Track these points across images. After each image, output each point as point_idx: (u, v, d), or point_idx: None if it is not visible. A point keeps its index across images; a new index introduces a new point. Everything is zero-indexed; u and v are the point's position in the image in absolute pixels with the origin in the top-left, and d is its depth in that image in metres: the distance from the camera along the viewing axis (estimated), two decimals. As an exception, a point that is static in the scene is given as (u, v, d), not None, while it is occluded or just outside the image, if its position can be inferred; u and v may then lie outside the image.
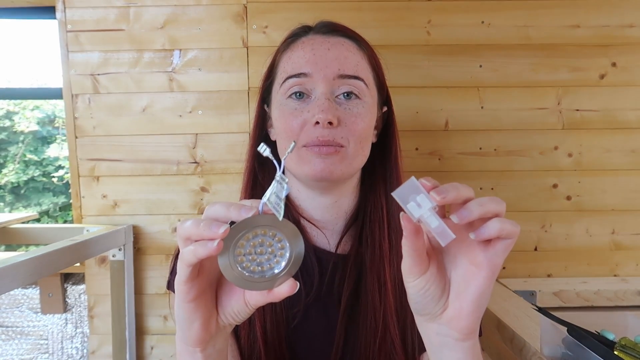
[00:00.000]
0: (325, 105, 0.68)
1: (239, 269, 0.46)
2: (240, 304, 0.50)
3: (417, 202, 0.43)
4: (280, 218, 0.45)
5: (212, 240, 0.43)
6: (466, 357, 0.51)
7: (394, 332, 0.71)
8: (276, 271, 0.47)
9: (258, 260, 0.47)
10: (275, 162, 0.46)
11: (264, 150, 0.46)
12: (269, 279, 0.47)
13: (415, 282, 0.49)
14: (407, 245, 0.47)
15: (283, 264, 0.47)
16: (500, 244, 0.45)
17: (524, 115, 1.35)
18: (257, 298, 0.49)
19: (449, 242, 0.43)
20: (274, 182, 0.45)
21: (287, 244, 0.47)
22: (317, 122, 0.67)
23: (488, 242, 0.46)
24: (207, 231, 0.43)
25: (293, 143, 0.49)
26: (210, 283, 0.50)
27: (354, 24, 0.78)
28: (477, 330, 0.51)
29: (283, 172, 0.46)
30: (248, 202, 0.45)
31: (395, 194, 0.44)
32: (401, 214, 0.45)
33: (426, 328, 0.53)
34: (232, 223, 0.45)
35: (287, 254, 0.47)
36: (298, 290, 0.76)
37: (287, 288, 0.47)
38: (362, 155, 0.73)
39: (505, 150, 1.36)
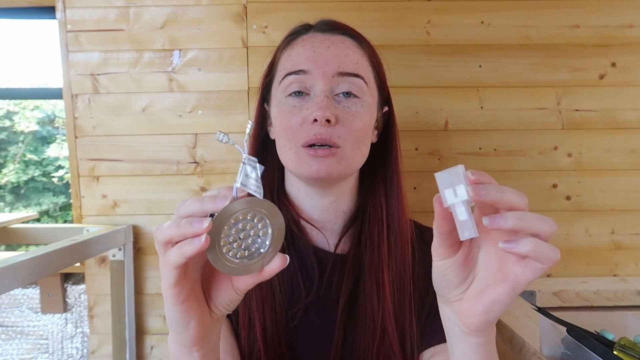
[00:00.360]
0: (323, 102, 0.68)
1: (230, 257, 0.46)
2: (230, 292, 0.50)
3: (455, 190, 0.43)
4: (261, 197, 0.45)
5: (198, 236, 0.43)
6: (472, 352, 0.51)
7: (392, 333, 0.71)
8: (262, 251, 0.48)
9: (244, 245, 0.47)
10: (237, 146, 0.47)
11: (223, 137, 0.46)
12: (258, 260, 0.47)
13: (438, 263, 0.49)
14: (435, 226, 0.47)
15: (267, 242, 0.48)
16: (533, 264, 0.43)
17: (523, 115, 1.36)
18: (246, 282, 0.49)
19: (470, 238, 0.43)
20: (241, 164, 0.46)
21: (267, 222, 0.47)
22: (315, 120, 0.67)
23: (523, 257, 0.44)
24: (190, 229, 0.43)
25: (250, 123, 0.49)
26: (196, 279, 0.50)
27: (354, 24, 0.78)
28: (489, 331, 0.51)
29: (250, 154, 0.46)
30: (215, 192, 0.45)
31: (437, 176, 0.44)
32: (435, 196, 0.45)
33: (441, 309, 0.54)
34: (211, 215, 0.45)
35: (269, 231, 0.48)
36: (298, 290, 0.76)
37: (277, 264, 0.48)
38: (360, 155, 0.72)
39: (505, 150, 1.36)
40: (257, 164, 0.46)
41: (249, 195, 0.45)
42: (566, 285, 1.28)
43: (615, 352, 0.71)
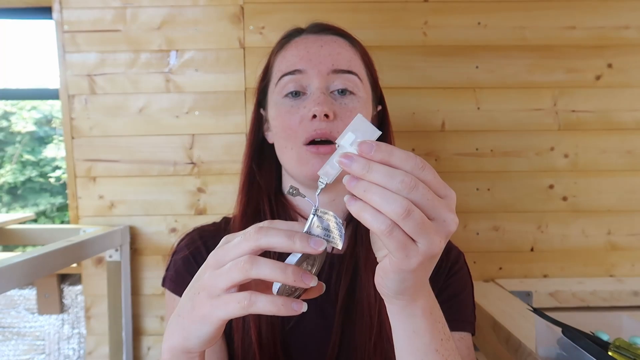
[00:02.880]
0: (320, 98, 0.69)
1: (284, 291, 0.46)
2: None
3: (354, 138, 0.43)
4: (340, 246, 0.44)
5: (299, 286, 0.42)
6: (393, 320, 0.51)
7: (388, 329, 0.71)
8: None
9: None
10: (309, 200, 0.47)
11: (293, 191, 0.46)
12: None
13: None
14: None
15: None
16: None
17: (520, 116, 1.36)
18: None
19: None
20: (313, 216, 0.45)
21: (316, 268, 0.47)
22: (314, 116, 0.68)
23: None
24: (300, 282, 0.42)
25: (322, 181, 0.46)
26: None
27: (351, 25, 0.79)
28: (403, 303, 0.49)
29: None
30: (305, 237, 0.43)
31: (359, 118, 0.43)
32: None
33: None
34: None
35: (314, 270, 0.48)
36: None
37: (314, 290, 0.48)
38: None
39: (502, 151, 1.37)
40: (333, 216, 0.45)
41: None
42: (563, 286, 1.29)
43: (610, 353, 0.71)
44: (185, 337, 0.48)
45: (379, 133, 0.43)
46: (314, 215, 0.45)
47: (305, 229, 0.44)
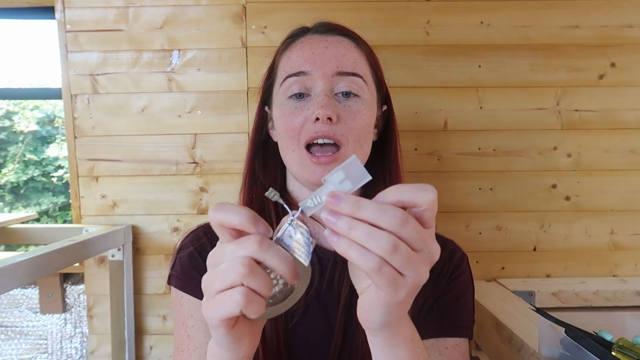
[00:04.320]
0: (324, 101, 0.69)
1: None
2: None
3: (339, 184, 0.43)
4: (306, 264, 0.44)
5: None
6: (375, 350, 0.51)
7: None
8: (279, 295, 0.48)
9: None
10: (286, 206, 0.45)
11: (273, 195, 0.45)
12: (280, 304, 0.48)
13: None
14: None
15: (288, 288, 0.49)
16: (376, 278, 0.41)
17: (523, 115, 1.36)
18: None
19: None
20: (288, 225, 0.44)
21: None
22: (317, 119, 0.68)
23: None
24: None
25: (272, 191, 0.46)
26: None
27: (353, 24, 0.79)
28: (388, 335, 0.49)
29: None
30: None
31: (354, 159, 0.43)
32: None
33: None
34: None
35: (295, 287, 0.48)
36: None
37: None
38: (361, 153, 0.73)
39: (504, 150, 1.36)
40: (306, 231, 0.44)
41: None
42: (565, 286, 1.29)
43: (613, 353, 0.71)
44: (222, 348, 0.49)
45: (369, 178, 0.42)
46: (289, 225, 0.44)
47: (278, 236, 0.44)
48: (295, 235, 0.43)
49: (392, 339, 0.50)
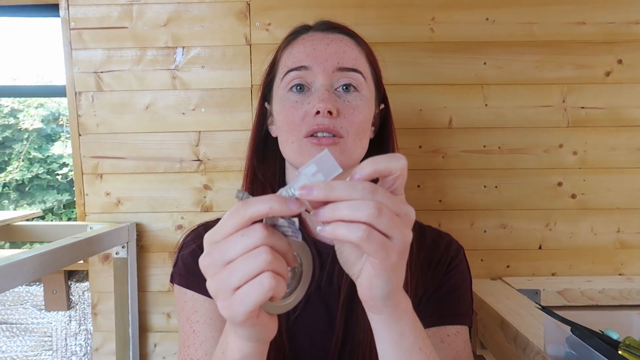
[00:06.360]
0: (325, 95, 0.70)
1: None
2: None
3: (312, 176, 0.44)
4: (299, 239, 0.45)
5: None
6: (380, 329, 0.52)
7: None
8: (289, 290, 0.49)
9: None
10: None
11: (242, 196, 0.45)
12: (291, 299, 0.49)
13: (336, 243, 0.51)
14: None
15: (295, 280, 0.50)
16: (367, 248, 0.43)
17: (528, 112, 1.35)
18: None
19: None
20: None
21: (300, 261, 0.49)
22: (318, 112, 0.69)
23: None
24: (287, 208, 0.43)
25: (239, 191, 0.47)
26: None
27: (357, 21, 0.79)
28: (388, 310, 0.50)
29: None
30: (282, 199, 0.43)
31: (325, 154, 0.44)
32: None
33: None
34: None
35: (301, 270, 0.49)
36: None
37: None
38: (360, 147, 0.74)
39: (510, 148, 1.35)
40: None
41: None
42: (571, 284, 1.28)
43: (620, 352, 0.71)
44: (245, 340, 0.49)
45: (340, 170, 0.44)
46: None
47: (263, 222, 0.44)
48: (278, 221, 0.45)
49: (395, 313, 0.51)
